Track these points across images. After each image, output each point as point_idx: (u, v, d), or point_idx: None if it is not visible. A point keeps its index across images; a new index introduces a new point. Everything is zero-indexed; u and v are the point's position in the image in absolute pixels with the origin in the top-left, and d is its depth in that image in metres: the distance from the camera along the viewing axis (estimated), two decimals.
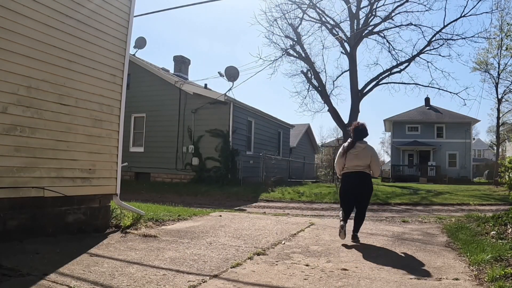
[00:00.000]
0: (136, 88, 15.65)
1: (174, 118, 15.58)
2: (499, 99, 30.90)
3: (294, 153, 25.69)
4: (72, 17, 4.57)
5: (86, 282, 2.88)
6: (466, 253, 4.06)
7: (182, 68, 20.34)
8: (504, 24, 19.04)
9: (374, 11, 20.11)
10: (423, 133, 33.98)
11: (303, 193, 12.56)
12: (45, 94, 4.26)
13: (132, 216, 5.44)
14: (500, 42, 24.03)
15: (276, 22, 19.76)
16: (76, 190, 4.63)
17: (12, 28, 3.88)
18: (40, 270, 3.06)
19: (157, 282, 2.96)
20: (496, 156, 34.21)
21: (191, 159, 15.28)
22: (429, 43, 19.59)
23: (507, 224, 5.10)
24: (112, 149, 5.20)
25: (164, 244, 4.31)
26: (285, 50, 20.06)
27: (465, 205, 10.54)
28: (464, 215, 7.05)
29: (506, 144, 33.42)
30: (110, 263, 3.45)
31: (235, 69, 15.71)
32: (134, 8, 5.49)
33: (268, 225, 5.92)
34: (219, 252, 4.02)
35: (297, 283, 3.09)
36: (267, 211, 8.79)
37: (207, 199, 11.38)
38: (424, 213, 8.87)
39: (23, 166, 4.04)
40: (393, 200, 11.34)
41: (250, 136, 17.12)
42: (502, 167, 13.01)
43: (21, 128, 4.01)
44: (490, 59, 28.39)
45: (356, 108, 19.92)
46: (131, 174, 16.01)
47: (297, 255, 4.05)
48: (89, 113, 4.83)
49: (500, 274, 3.11)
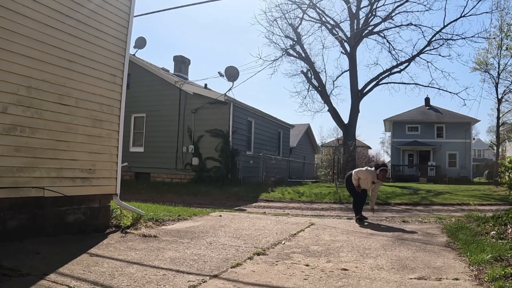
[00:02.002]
0: (136, 88, 15.64)
1: (174, 118, 15.58)
2: (499, 99, 30.91)
3: (294, 153, 25.68)
4: (72, 17, 4.57)
5: (86, 282, 2.88)
6: (466, 253, 4.06)
7: (182, 68, 20.34)
8: (504, 24, 19.06)
9: (374, 11, 20.13)
10: (423, 133, 33.97)
11: (303, 193, 12.56)
12: (45, 94, 4.26)
13: (132, 216, 5.44)
14: (500, 42, 24.06)
15: (276, 22, 19.80)
16: (76, 190, 4.63)
17: (12, 28, 3.88)
18: (40, 270, 3.06)
19: (157, 282, 2.96)
20: (496, 156, 34.21)
21: (191, 159, 15.27)
22: (429, 43, 19.60)
23: (507, 224, 5.10)
24: (112, 149, 5.20)
25: (164, 244, 4.30)
26: (285, 50, 20.07)
27: (465, 205, 10.54)
28: (464, 215, 7.05)
29: (506, 144, 33.40)
30: (110, 263, 3.45)
31: (235, 69, 15.71)
32: (134, 8, 5.49)
33: (268, 225, 5.92)
34: (219, 252, 4.02)
35: (297, 283, 3.09)
36: (267, 211, 8.78)
37: (207, 199, 11.37)
38: (424, 213, 8.87)
39: (23, 166, 4.04)
40: (393, 200, 11.34)
41: (250, 136, 17.12)
42: (502, 167, 12.99)
43: (21, 128, 4.01)
44: (490, 59, 28.42)
45: (356, 108, 19.93)
46: (131, 174, 16.00)
47: (297, 255, 4.05)
48: (89, 113, 4.83)
49: (500, 274, 3.11)
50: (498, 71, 29.34)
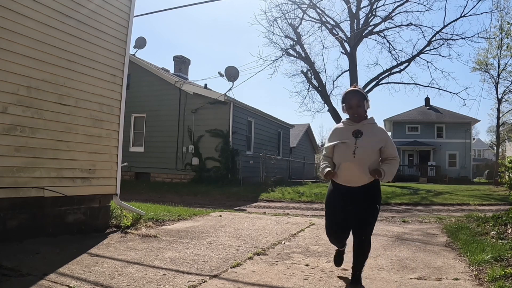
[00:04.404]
0: (136, 88, 15.65)
1: (174, 118, 15.58)
2: (499, 99, 30.96)
3: (294, 153, 25.67)
4: (72, 17, 4.57)
5: (86, 282, 2.88)
6: (466, 253, 4.06)
7: (182, 68, 20.34)
8: (504, 24, 19.03)
9: (374, 11, 20.11)
10: (423, 133, 33.97)
11: (303, 193, 12.56)
12: (45, 94, 4.26)
13: (132, 216, 5.44)
14: (500, 42, 24.07)
15: (276, 22, 19.78)
16: (76, 190, 4.63)
17: (12, 28, 3.88)
18: (40, 270, 3.06)
19: (157, 282, 2.96)
20: (496, 156, 34.25)
21: (191, 159, 15.27)
22: (429, 43, 19.59)
23: (507, 224, 5.10)
24: (112, 149, 5.20)
25: (164, 244, 4.30)
26: (285, 50, 20.06)
27: (465, 205, 10.54)
28: (464, 215, 7.05)
29: (506, 144, 33.43)
30: (110, 263, 3.45)
31: (235, 69, 15.71)
32: (134, 8, 5.49)
33: (268, 225, 5.92)
34: (219, 252, 4.02)
35: (297, 283, 3.09)
36: (267, 211, 8.78)
37: (207, 199, 11.37)
38: (424, 213, 8.87)
39: (23, 166, 4.04)
40: (393, 200, 11.34)
41: (250, 136, 17.12)
42: (502, 167, 13.00)
43: (21, 128, 4.01)
44: (490, 59, 28.45)
45: None
46: (131, 174, 16.00)
47: (297, 255, 4.05)
48: (89, 113, 4.83)
49: (500, 274, 3.11)
50: (498, 71, 29.43)
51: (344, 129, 3.12)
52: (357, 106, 3.03)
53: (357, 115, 3.07)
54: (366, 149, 2.94)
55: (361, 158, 2.92)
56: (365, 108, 3.07)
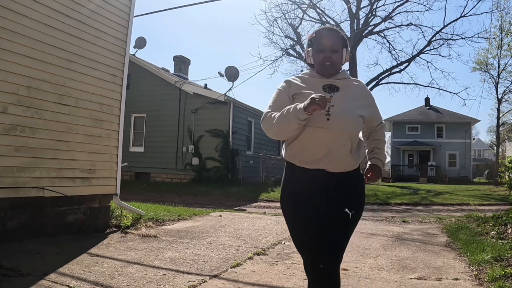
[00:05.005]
0: (136, 88, 15.64)
1: (174, 118, 15.57)
2: (499, 99, 30.98)
3: None
4: (72, 17, 4.57)
5: (86, 282, 2.88)
6: (466, 253, 4.06)
7: (182, 68, 20.34)
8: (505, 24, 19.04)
9: (374, 11, 20.14)
10: (423, 133, 33.95)
11: None
12: (45, 94, 4.26)
13: (132, 216, 5.44)
14: (500, 42, 24.04)
15: (276, 22, 19.83)
16: (76, 190, 4.63)
17: (12, 28, 3.88)
18: (40, 270, 3.06)
19: (157, 282, 2.96)
20: (496, 156, 34.25)
21: (191, 159, 15.27)
22: (429, 43, 19.63)
23: (507, 224, 5.10)
24: (112, 149, 5.20)
25: (164, 244, 4.30)
26: (285, 50, 20.10)
27: (465, 205, 10.55)
28: (464, 215, 7.05)
29: (506, 144, 33.43)
30: (110, 263, 3.45)
31: (235, 69, 15.71)
32: (134, 8, 5.49)
33: (268, 225, 5.92)
34: (219, 252, 4.02)
35: (297, 283, 3.09)
36: (267, 211, 8.78)
37: (207, 199, 11.37)
38: (424, 213, 8.87)
39: (23, 166, 4.04)
40: (393, 200, 11.35)
41: (250, 136, 17.12)
42: (502, 167, 13.01)
43: (21, 128, 4.01)
44: (490, 59, 28.45)
45: None
46: (131, 174, 16.00)
47: (297, 255, 4.04)
48: (89, 113, 4.82)
49: (500, 274, 3.11)
50: (498, 71, 29.44)
51: (307, 81, 1.94)
52: (331, 51, 1.88)
53: (329, 63, 1.89)
54: (347, 110, 1.81)
55: (340, 122, 1.77)
56: (343, 58, 1.94)
